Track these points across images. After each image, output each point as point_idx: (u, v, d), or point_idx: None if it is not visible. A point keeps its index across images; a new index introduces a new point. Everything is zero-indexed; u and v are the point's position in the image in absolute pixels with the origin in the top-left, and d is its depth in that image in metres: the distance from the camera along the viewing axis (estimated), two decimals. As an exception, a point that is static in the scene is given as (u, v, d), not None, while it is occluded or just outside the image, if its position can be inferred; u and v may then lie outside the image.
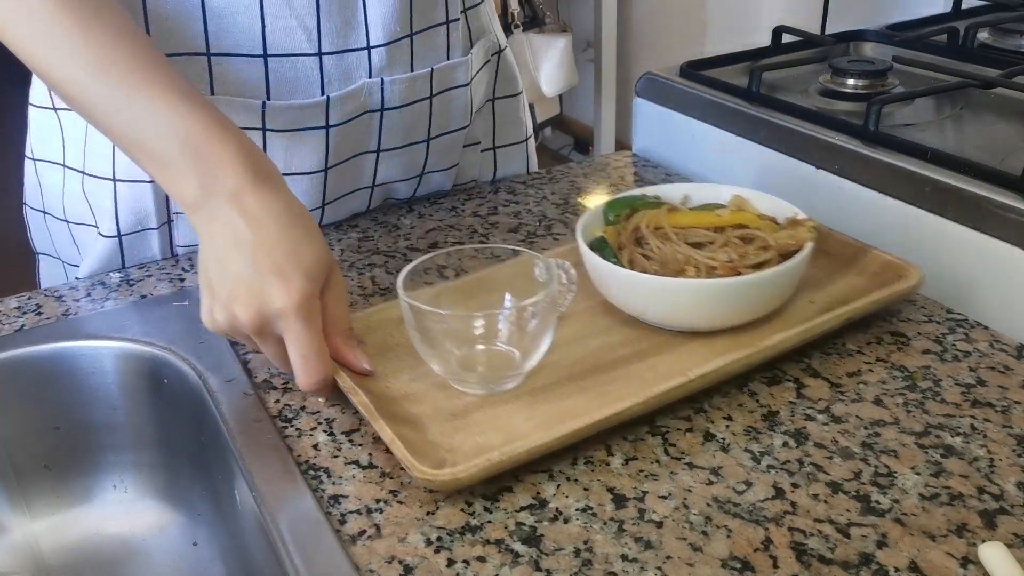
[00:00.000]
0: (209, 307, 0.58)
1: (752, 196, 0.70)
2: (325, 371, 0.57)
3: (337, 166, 0.79)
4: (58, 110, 0.78)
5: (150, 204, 0.77)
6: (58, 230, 0.83)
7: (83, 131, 0.76)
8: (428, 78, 0.79)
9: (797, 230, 0.65)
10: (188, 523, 0.67)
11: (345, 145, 0.78)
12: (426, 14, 0.77)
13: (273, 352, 0.59)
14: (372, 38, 0.74)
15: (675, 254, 0.64)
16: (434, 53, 0.79)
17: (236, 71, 0.71)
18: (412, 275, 0.61)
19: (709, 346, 0.62)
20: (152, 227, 0.78)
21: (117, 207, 0.76)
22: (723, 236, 0.65)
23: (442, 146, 0.86)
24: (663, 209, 0.68)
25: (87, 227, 0.80)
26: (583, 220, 0.68)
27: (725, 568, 0.46)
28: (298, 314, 0.55)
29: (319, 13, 0.71)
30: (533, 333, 0.58)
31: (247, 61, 0.71)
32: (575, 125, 3.43)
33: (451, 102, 0.83)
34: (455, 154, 0.89)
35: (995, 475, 0.52)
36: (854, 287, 0.68)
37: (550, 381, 0.59)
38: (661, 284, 0.61)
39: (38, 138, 0.81)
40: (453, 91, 0.82)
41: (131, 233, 0.78)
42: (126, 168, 0.75)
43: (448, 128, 0.85)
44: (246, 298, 0.55)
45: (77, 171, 0.77)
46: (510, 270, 0.64)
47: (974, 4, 1.17)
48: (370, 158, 0.81)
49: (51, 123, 0.78)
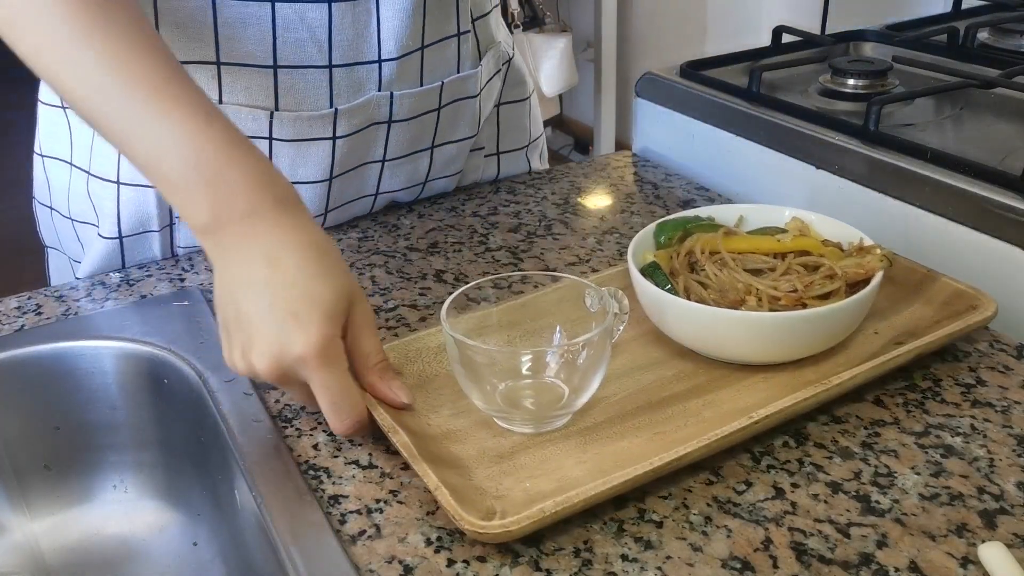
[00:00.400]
0: (228, 351, 0.55)
1: (813, 219, 0.67)
2: (358, 414, 0.54)
3: (342, 175, 0.79)
4: (66, 108, 0.78)
5: (152, 208, 0.76)
6: (63, 227, 0.83)
7: (90, 132, 0.76)
8: (438, 91, 0.79)
9: (866, 258, 0.62)
10: (188, 523, 0.67)
11: (351, 155, 0.78)
12: (438, 27, 0.77)
13: (301, 397, 0.56)
14: (384, 51, 0.73)
15: (734, 282, 0.61)
16: (445, 66, 0.79)
17: (245, 80, 0.71)
18: (455, 303, 0.57)
19: (770, 381, 0.58)
20: (153, 229, 0.78)
21: (119, 209, 0.76)
22: (784, 263, 0.62)
23: (447, 155, 0.86)
24: (719, 232, 0.65)
25: (90, 226, 0.80)
26: (634, 243, 0.65)
27: (725, 568, 0.46)
28: (319, 360, 0.52)
29: (331, 26, 0.70)
30: (584, 368, 0.54)
31: (257, 71, 0.71)
32: (575, 125, 3.43)
33: (459, 112, 0.83)
34: (460, 162, 0.89)
35: (995, 475, 0.52)
36: (921, 317, 0.63)
37: (601, 419, 0.56)
38: (722, 316, 0.58)
39: (46, 135, 0.80)
40: (462, 102, 0.82)
41: (132, 235, 0.78)
42: (130, 171, 0.75)
43: (454, 137, 0.85)
44: (262, 346, 0.52)
45: (83, 170, 0.78)
46: (557, 295, 0.61)
47: (974, 4, 1.17)
48: (374, 168, 0.81)
49: (59, 121, 0.78)
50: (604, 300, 0.57)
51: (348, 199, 0.83)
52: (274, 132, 0.73)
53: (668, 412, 0.56)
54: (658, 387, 0.59)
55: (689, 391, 0.58)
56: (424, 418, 0.57)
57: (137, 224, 0.77)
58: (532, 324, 0.61)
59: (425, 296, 0.73)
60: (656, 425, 0.55)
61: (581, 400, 0.55)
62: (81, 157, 0.78)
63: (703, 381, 0.59)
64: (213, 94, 0.71)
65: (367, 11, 0.71)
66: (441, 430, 0.56)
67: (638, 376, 0.60)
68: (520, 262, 0.78)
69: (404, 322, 0.69)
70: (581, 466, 0.52)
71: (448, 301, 0.57)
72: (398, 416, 0.56)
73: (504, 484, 0.51)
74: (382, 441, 0.57)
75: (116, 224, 0.77)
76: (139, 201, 0.76)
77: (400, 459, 0.55)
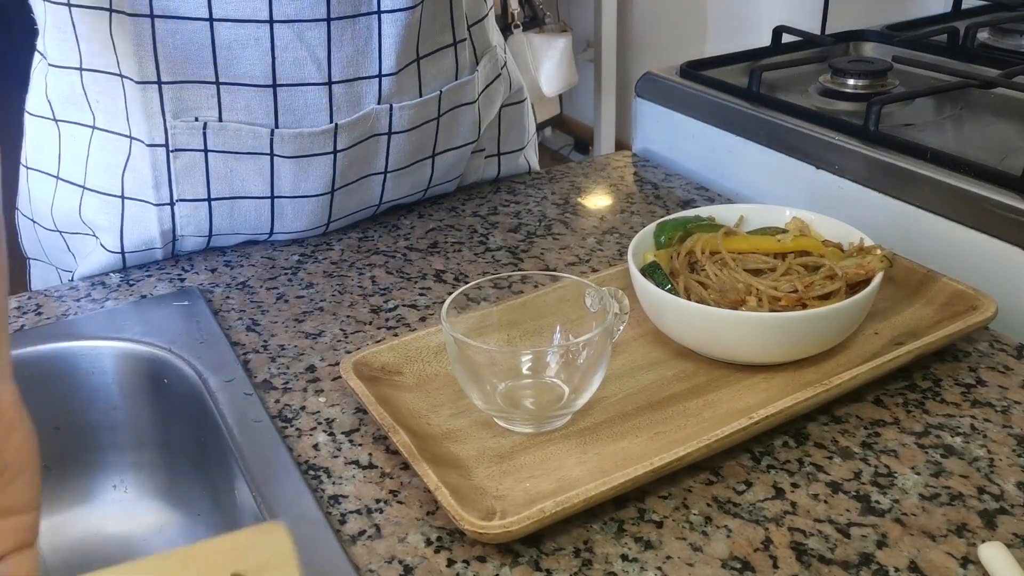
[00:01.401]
0: None
1: (813, 219, 0.67)
2: None
3: (344, 188, 0.79)
4: (58, 121, 0.77)
5: (155, 228, 0.76)
6: (49, 238, 0.82)
7: (85, 147, 0.76)
8: (436, 100, 0.79)
9: (866, 258, 0.62)
10: (188, 523, 0.67)
11: (352, 168, 0.78)
12: (434, 38, 0.77)
13: None
14: (385, 67, 0.73)
15: (734, 282, 0.60)
16: (443, 75, 0.79)
17: (245, 100, 0.71)
18: (455, 303, 0.57)
19: (770, 381, 0.58)
20: (156, 247, 0.78)
21: (123, 224, 0.76)
22: (784, 263, 0.62)
23: (448, 162, 0.86)
24: (719, 232, 0.65)
25: (84, 236, 0.79)
26: (634, 243, 0.64)
27: (725, 568, 0.46)
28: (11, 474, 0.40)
29: (330, 45, 0.70)
30: (584, 368, 0.54)
31: (256, 91, 0.71)
32: (575, 125, 3.43)
33: (458, 119, 0.83)
34: (461, 166, 0.89)
35: (995, 475, 0.52)
36: (921, 317, 0.63)
37: (601, 419, 0.56)
38: (722, 317, 0.58)
39: (33, 147, 0.80)
40: (461, 108, 0.82)
41: (136, 252, 0.78)
42: (134, 187, 0.75)
43: (454, 144, 0.85)
44: None
45: (76, 185, 0.77)
46: (557, 295, 0.61)
47: (974, 4, 1.17)
48: (377, 179, 0.81)
49: (49, 133, 0.78)
50: (604, 300, 0.57)
51: (351, 211, 0.83)
52: (275, 149, 0.73)
53: (668, 412, 0.56)
54: (658, 387, 0.59)
55: (689, 391, 0.58)
56: (424, 418, 0.57)
57: (141, 242, 0.77)
58: (532, 324, 0.61)
59: (425, 296, 0.73)
60: (656, 425, 0.55)
61: (581, 400, 0.55)
62: (73, 171, 0.77)
63: (703, 381, 0.59)
64: (213, 113, 0.71)
65: (367, 27, 0.71)
66: (441, 430, 0.56)
67: (638, 376, 0.60)
68: (520, 262, 0.78)
69: (404, 322, 0.69)
70: (581, 466, 0.52)
71: (448, 301, 0.57)
72: (398, 416, 0.56)
73: (504, 484, 0.51)
74: (382, 441, 0.57)
75: (119, 239, 0.77)
76: (142, 218, 0.76)
77: (400, 459, 0.55)
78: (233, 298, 0.73)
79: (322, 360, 0.65)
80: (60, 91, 0.76)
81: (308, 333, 0.68)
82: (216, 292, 0.74)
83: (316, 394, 0.61)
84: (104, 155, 0.75)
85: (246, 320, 0.70)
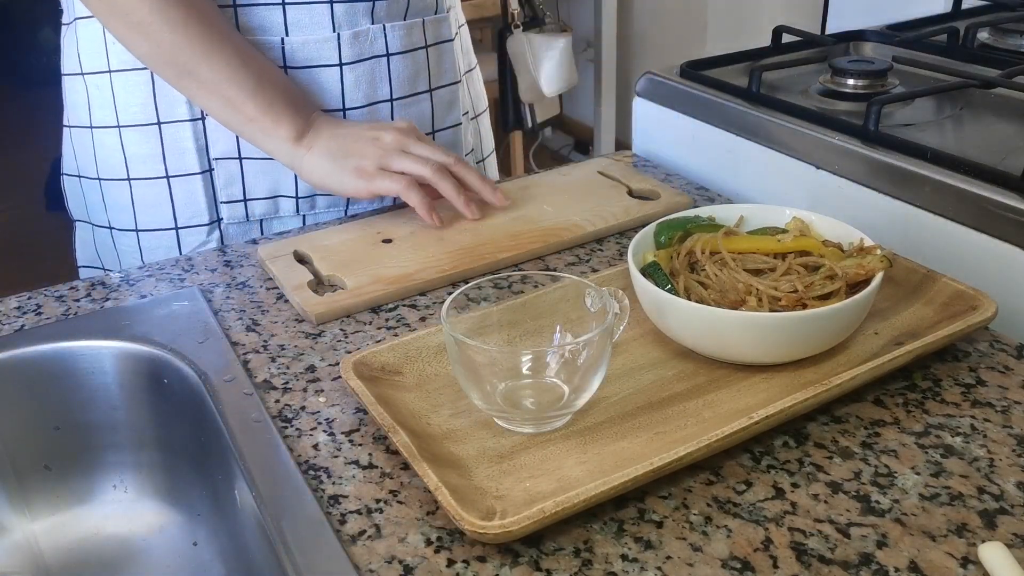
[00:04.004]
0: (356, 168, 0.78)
1: (814, 219, 0.67)
2: None
3: (356, 110, 0.86)
4: (85, 75, 0.85)
5: (191, 144, 0.84)
6: (92, 191, 0.90)
7: (109, 89, 0.84)
8: (421, 27, 0.89)
9: (866, 258, 0.62)
10: (188, 523, 0.67)
11: (359, 89, 0.86)
12: None
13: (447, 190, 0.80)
14: None
15: (734, 282, 0.61)
16: (423, 6, 0.90)
17: (259, 17, 0.82)
18: (455, 303, 0.57)
19: (770, 381, 0.58)
20: (195, 172, 0.85)
21: (164, 150, 0.84)
22: (784, 263, 0.62)
23: (443, 100, 0.93)
24: (719, 232, 0.65)
25: (119, 182, 0.86)
26: (634, 243, 0.65)
27: (725, 568, 0.46)
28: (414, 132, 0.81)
29: None
30: (584, 368, 0.54)
31: (267, 8, 0.82)
32: (575, 125, 3.43)
33: (442, 55, 0.92)
34: (456, 112, 0.95)
35: (995, 475, 0.52)
36: (921, 317, 0.63)
37: (601, 419, 0.56)
38: (722, 316, 0.57)
39: (70, 105, 0.89)
40: (442, 45, 0.92)
41: (179, 175, 0.85)
42: (167, 110, 0.84)
43: (443, 82, 0.93)
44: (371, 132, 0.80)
45: (112, 126, 0.85)
46: (557, 295, 0.61)
47: (974, 4, 1.17)
48: (384, 107, 0.88)
49: (80, 88, 0.86)
50: (604, 300, 0.57)
51: None
52: (287, 60, 0.83)
53: (668, 412, 0.56)
54: (658, 387, 0.59)
55: (689, 391, 0.58)
56: (424, 418, 0.57)
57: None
58: (532, 324, 0.61)
59: (425, 296, 0.73)
60: (656, 425, 0.55)
61: (581, 400, 0.55)
62: (104, 115, 0.85)
63: (703, 381, 0.59)
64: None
65: None
66: (441, 430, 0.56)
67: (638, 376, 0.60)
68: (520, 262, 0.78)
69: (404, 322, 0.69)
70: (581, 466, 0.52)
71: (448, 301, 0.57)
72: (398, 416, 0.56)
73: (504, 484, 0.51)
74: (382, 441, 0.57)
75: (163, 163, 0.85)
76: (178, 137, 0.84)
77: (400, 459, 0.55)
78: (233, 298, 0.73)
79: (322, 360, 0.65)
80: (90, 43, 0.84)
81: (308, 333, 0.68)
82: (216, 292, 0.74)
83: (316, 394, 0.61)
84: (129, 93, 0.84)
85: (246, 320, 0.70)
